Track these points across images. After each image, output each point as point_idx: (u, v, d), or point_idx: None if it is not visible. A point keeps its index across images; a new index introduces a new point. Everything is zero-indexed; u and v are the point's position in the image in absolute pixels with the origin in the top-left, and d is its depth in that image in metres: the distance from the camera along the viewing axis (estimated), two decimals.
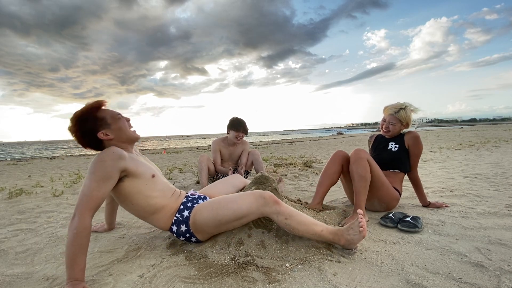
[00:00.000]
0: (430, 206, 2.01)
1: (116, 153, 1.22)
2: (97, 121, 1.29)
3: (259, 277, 1.11)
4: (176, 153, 11.35)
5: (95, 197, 1.14)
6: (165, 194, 1.38)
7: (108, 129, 1.31)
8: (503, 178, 2.91)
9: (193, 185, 3.31)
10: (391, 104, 2.02)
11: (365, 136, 21.41)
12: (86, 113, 1.28)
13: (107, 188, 1.19)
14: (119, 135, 1.33)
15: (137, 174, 1.28)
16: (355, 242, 1.28)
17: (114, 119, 1.33)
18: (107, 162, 1.19)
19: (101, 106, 1.33)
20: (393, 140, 2.06)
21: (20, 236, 1.75)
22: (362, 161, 1.76)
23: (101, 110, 1.32)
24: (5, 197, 2.90)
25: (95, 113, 1.29)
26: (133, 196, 1.29)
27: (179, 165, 5.78)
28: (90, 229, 1.12)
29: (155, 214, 1.36)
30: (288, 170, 4.16)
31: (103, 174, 1.17)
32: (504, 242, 1.36)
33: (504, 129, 18.55)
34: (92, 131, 1.29)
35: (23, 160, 11.31)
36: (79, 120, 1.28)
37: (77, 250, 1.06)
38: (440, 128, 44.57)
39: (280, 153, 7.96)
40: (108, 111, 1.33)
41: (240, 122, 2.97)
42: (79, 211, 1.11)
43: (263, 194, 1.29)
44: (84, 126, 1.28)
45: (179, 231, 1.38)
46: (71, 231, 1.08)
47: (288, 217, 1.26)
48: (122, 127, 1.34)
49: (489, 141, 8.02)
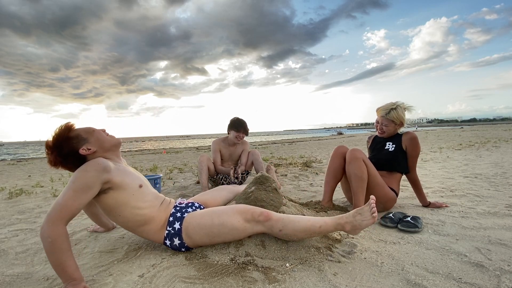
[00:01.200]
0: (430, 206, 2.01)
1: (100, 164, 1.19)
2: (73, 140, 1.27)
3: (259, 277, 1.11)
4: (176, 153, 11.35)
5: (70, 206, 1.10)
6: (153, 204, 1.35)
7: (87, 143, 1.29)
8: (503, 178, 2.91)
9: (193, 185, 3.31)
10: (383, 105, 2.01)
11: (365, 136, 21.42)
12: (59, 138, 1.26)
13: (85, 199, 1.14)
14: (100, 145, 1.32)
15: (123, 185, 1.25)
16: (363, 227, 1.25)
17: (88, 133, 1.32)
18: (89, 173, 1.16)
19: (70, 127, 1.31)
20: (390, 140, 2.06)
21: (20, 236, 1.75)
22: (358, 161, 1.77)
23: (72, 130, 1.31)
24: (5, 197, 2.90)
25: (67, 134, 1.28)
26: (120, 208, 1.26)
27: (179, 165, 5.78)
28: (66, 235, 1.08)
29: (145, 225, 1.33)
30: (288, 170, 4.16)
31: (82, 184, 1.14)
32: (504, 242, 1.36)
33: (504, 129, 18.55)
34: (72, 151, 1.26)
35: (23, 160, 11.30)
36: (56, 147, 1.26)
37: (61, 256, 1.03)
38: (440, 128, 44.59)
39: (280, 153, 7.96)
40: (80, 128, 1.32)
41: (241, 122, 2.97)
42: (50, 220, 1.06)
43: (253, 215, 1.26)
44: (63, 151, 1.25)
45: (173, 245, 1.35)
46: (45, 240, 1.03)
47: (282, 227, 1.25)
48: (99, 137, 1.33)
49: (489, 141, 8.02)
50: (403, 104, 1.99)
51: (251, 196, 1.53)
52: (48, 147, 1.27)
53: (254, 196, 1.52)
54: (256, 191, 1.55)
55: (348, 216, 1.28)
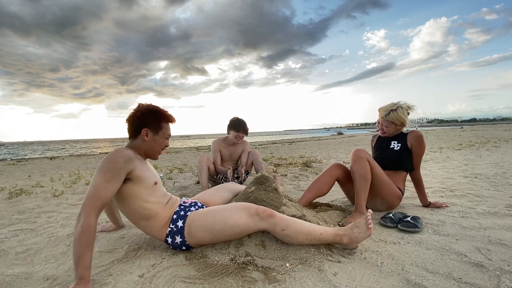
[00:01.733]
0: (430, 206, 2.01)
1: (127, 155, 1.26)
2: (156, 124, 1.40)
3: (259, 277, 1.11)
4: (176, 153, 11.35)
5: (103, 196, 1.16)
6: (161, 201, 1.39)
7: (152, 134, 1.39)
8: (503, 178, 2.91)
9: (193, 185, 3.31)
10: (384, 106, 2.00)
11: (365, 136, 21.42)
12: (160, 113, 1.41)
13: (115, 188, 1.21)
14: (149, 145, 1.41)
15: (141, 178, 1.30)
16: (359, 240, 1.29)
17: (162, 134, 1.43)
18: (119, 163, 1.22)
19: (171, 121, 1.47)
20: (395, 139, 2.05)
21: (20, 236, 1.75)
22: (362, 161, 1.77)
23: (167, 123, 1.45)
24: (5, 197, 2.90)
25: (162, 118, 1.42)
26: (131, 199, 1.31)
27: (179, 165, 5.78)
28: (95, 227, 1.13)
29: (149, 220, 1.35)
30: (288, 170, 4.15)
31: (112, 174, 1.20)
32: (504, 242, 1.36)
33: (504, 129, 18.55)
34: (147, 121, 1.38)
35: (23, 160, 11.31)
36: (153, 109, 1.40)
37: (82, 248, 1.06)
38: (440, 128, 44.59)
39: (280, 153, 7.96)
40: (168, 128, 1.46)
41: (240, 122, 2.97)
42: (85, 210, 1.12)
43: (257, 210, 1.28)
44: (148, 115, 1.38)
45: (175, 243, 1.36)
46: (77, 229, 1.09)
47: (285, 227, 1.25)
48: (156, 143, 1.42)
49: (489, 141, 8.02)
50: (405, 104, 1.95)
51: (251, 196, 1.53)
52: (150, 105, 1.42)
53: (254, 196, 1.52)
54: (256, 191, 1.55)
55: (347, 229, 1.32)
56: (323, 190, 1.96)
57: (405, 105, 1.96)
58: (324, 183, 1.96)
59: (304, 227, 1.28)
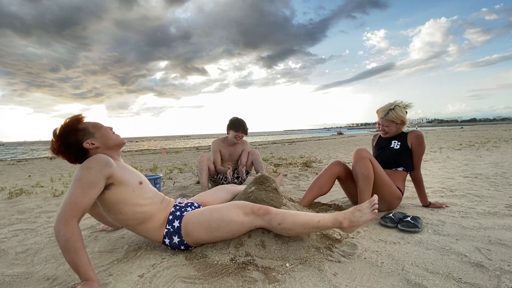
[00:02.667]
0: (430, 206, 2.01)
1: (102, 160, 1.20)
2: (80, 133, 1.28)
3: (259, 277, 1.11)
4: (176, 153, 11.35)
5: (80, 204, 1.10)
6: (153, 202, 1.35)
7: (93, 138, 1.30)
8: (503, 178, 2.91)
9: (193, 185, 3.31)
10: (382, 107, 2.02)
11: (365, 136, 21.41)
12: (67, 128, 1.28)
13: (93, 196, 1.15)
14: (104, 142, 1.33)
15: (123, 181, 1.25)
16: (360, 223, 1.26)
17: (96, 127, 1.33)
18: (93, 169, 1.16)
19: (80, 119, 1.33)
20: (396, 138, 2.06)
21: (20, 236, 1.75)
22: (365, 161, 1.77)
23: (82, 122, 1.32)
24: (5, 197, 2.90)
25: (76, 125, 1.29)
26: (120, 205, 1.26)
27: (179, 165, 5.78)
28: (79, 232, 1.08)
29: (144, 223, 1.33)
30: (288, 170, 4.16)
31: (88, 180, 1.14)
32: (504, 242, 1.36)
33: (504, 129, 18.55)
34: (76, 143, 1.27)
35: (23, 160, 11.31)
36: (61, 136, 1.27)
37: (74, 255, 1.03)
38: (440, 128, 44.57)
39: (280, 153, 7.96)
40: (89, 122, 1.34)
41: (240, 122, 2.97)
42: (62, 219, 1.06)
43: (253, 208, 1.28)
44: (68, 141, 1.26)
45: (173, 243, 1.35)
46: (60, 241, 1.04)
47: (281, 221, 1.25)
48: (106, 134, 1.34)
49: (489, 141, 8.02)
50: (402, 103, 1.98)
51: (251, 196, 1.53)
52: (54, 135, 1.28)
53: (254, 196, 1.52)
54: (256, 191, 1.55)
55: (347, 212, 1.29)
56: (324, 188, 1.95)
57: (402, 103, 1.99)
58: (325, 182, 1.95)
59: (300, 218, 1.26)
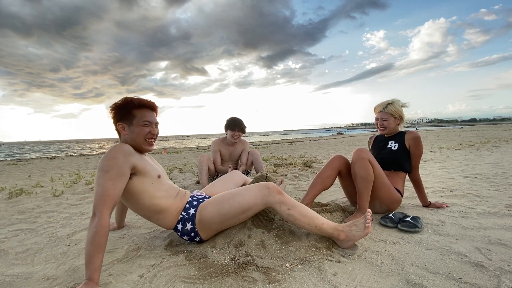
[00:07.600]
0: (430, 206, 2.00)
1: (126, 150, 1.25)
2: (127, 114, 1.35)
3: (259, 277, 1.11)
4: (176, 153, 11.35)
5: (112, 195, 1.15)
6: (169, 195, 1.39)
7: (127, 126, 1.35)
8: (503, 178, 2.91)
9: (193, 185, 3.30)
10: (379, 103, 2.04)
11: (365, 136, 21.41)
12: (128, 102, 1.35)
13: (122, 185, 1.20)
14: (130, 137, 1.36)
15: (144, 172, 1.30)
16: (356, 238, 1.31)
17: (137, 122, 1.35)
18: (119, 159, 1.21)
19: (145, 105, 1.37)
20: (393, 139, 2.05)
21: (20, 236, 1.75)
22: (364, 162, 1.73)
23: (141, 109, 1.36)
24: (5, 197, 2.90)
25: (132, 106, 1.35)
26: (139, 195, 1.30)
27: (179, 165, 5.78)
28: (108, 227, 1.13)
29: (160, 214, 1.37)
30: (288, 170, 4.15)
31: (116, 171, 1.19)
32: (504, 242, 1.36)
33: (504, 129, 18.55)
34: (119, 116, 1.35)
35: (23, 160, 11.31)
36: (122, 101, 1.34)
37: (94, 249, 1.06)
38: (440, 128, 44.57)
39: (280, 153, 7.96)
40: (144, 113, 1.37)
41: (235, 121, 2.99)
42: (98, 210, 1.12)
43: (267, 184, 1.32)
44: (118, 108, 1.35)
45: (184, 229, 1.39)
46: (90, 229, 1.09)
47: (291, 207, 1.28)
48: (134, 134, 1.35)
49: (489, 141, 8.02)
50: (399, 101, 2.01)
51: None
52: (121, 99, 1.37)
53: None
54: None
55: (345, 226, 1.34)
56: (327, 183, 1.93)
57: (399, 101, 2.01)
58: (327, 176, 1.93)
59: (309, 213, 1.31)
